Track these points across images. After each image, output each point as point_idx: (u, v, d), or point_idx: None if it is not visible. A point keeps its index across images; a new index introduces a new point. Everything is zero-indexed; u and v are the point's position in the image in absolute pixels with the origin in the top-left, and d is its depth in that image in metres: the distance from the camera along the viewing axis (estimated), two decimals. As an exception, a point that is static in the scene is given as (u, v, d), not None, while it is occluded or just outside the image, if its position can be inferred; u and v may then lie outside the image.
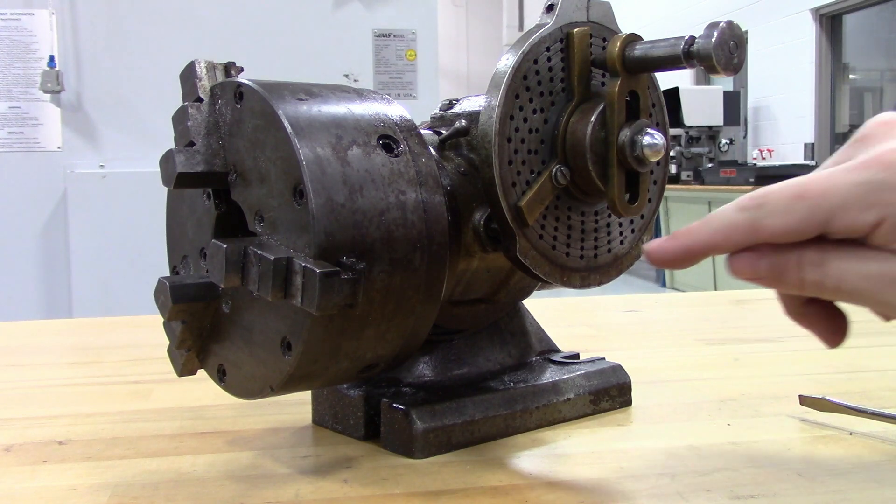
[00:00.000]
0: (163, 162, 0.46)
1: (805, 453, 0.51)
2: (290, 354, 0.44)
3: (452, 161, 0.55)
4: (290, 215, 0.43)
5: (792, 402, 0.59)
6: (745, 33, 0.50)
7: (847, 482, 0.47)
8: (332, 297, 0.41)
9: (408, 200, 0.46)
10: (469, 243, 0.53)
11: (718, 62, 0.47)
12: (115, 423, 0.60)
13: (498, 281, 0.57)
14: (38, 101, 2.95)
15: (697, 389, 0.66)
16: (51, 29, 2.93)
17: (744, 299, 1.12)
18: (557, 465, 0.50)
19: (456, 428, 0.52)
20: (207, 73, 0.49)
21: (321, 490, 0.47)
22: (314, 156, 0.43)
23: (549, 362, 0.62)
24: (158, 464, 0.51)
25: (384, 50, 3.20)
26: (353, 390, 0.55)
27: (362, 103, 0.48)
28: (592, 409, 0.60)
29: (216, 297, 0.48)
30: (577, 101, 0.54)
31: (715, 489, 0.46)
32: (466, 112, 0.56)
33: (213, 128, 0.48)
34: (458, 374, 0.57)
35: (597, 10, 0.55)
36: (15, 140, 2.96)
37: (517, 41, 0.53)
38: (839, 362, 0.75)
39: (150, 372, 0.74)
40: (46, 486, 0.48)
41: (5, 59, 2.94)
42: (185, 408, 0.63)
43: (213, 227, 0.49)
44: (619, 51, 0.52)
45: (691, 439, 0.54)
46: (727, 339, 0.87)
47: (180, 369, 0.51)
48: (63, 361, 0.85)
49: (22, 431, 0.58)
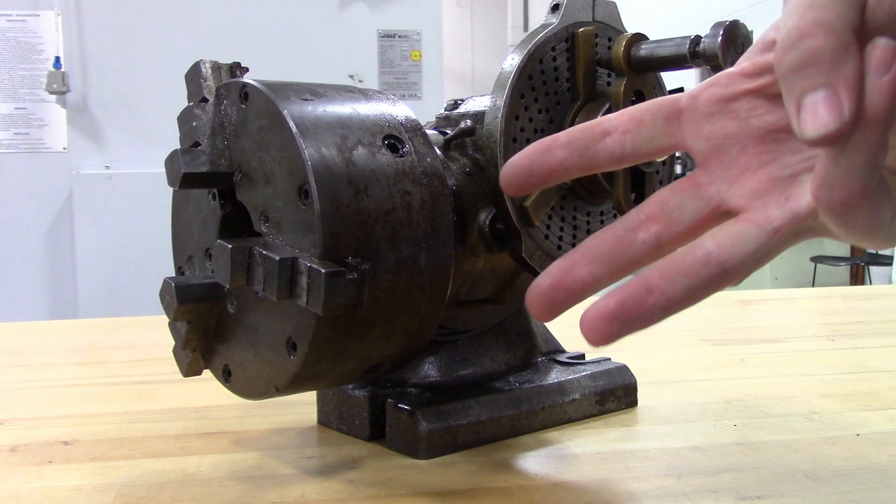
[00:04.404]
0: (168, 162, 0.46)
1: (812, 454, 0.51)
2: (295, 355, 0.44)
3: (458, 161, 0.55)
4: (296, 215, 0.43)
5: (798, 402, 0.59)
6: (752, 32, 0.50)
7: (854, 483, 0.46)
8: (337, 297, 0.41)
9: (413, 200, 0.46)
10: (474, 243, 0.53)
11: (725, 62, 0.47)
12: (120, 424, 0.60)
13: (503, 281, 0.57)
14: (43, 102, 2.95)
15: (703, 390, 0.66)
16: (56, 30, 2.93)
17: (749, 300, 1.12)
18: (563, 465, 0.50)
19: (461, 428, 0.52)
20: (213, 74, 0.49)
21: (326, 490, 0.47)
22: (319, 156, 0.43)
23: (554, 363, 0.62)
24: (164, 464, 0.51)
25: (389, 50, 3.20)
26: (359, 391, 0.55)
27: (367, 103, 0.48)
28: (598, 410, 0.60)
29: (221, 298, 0.48)
30: (583, 101, 0.54)
31: (721, 490, 0.45)
32: (471, 112, 0.56)
33: (219, 128, 0.48)
34: (463, 374, 0.57)
35: (602, 9, 0.55)
36: (21, 141, 2.97)
37: (522, 41, 0.53)
38: (845, 362, 0.75)
39: (156, 372, 0.74)
40: (52, 486, 0.48)
41: (11, 61, 2.95)
42: (191, 408, 0.63)
43: (218, 227, 0.49)
44: (624, 50, 0.52)
45: (697, 440, 0.54)
46: (733, 340, 0.87)
47: (185, 370, 0.51)
48: (68, 362, 0.85)
49: (27, 432, 0.58)
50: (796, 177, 0.34)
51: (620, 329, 0.34)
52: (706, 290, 0.34)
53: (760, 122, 0.35)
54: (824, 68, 0.28)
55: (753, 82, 0.35)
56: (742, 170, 0.35)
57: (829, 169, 0.29)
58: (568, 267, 0.36)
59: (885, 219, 0.30)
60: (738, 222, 0.34)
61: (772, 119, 0.34)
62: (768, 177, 0.34)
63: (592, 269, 0.36)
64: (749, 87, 0.35)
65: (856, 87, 0.28)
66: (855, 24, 0.29)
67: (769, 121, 0.34)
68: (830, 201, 0.30)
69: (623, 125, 0.37)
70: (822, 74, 0.28)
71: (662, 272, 0.34)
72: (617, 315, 0.34)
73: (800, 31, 0.29)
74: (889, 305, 1.10)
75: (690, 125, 0.36)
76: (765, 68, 0.34)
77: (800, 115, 0.29)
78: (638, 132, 0.37)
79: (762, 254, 0.33)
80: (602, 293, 0.37)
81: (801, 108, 0.29)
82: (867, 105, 0.28)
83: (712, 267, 0.33)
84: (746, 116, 0.35)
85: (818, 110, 0.28)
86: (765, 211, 0.34)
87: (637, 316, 0.34)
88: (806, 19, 0.29)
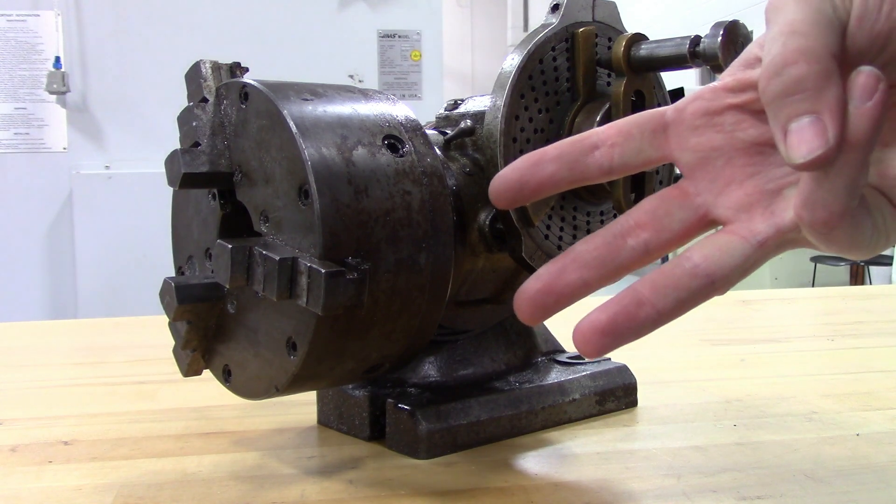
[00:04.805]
0: (168, 162, 0.46)
1: (812, 454, 0.51)
2: (295, 355, 0.44)
3: (458, 161, 0.55)
4: (296, 215, 0.43)
5: (798, 402, 0.59)
6: (751, 32, 0.50)
7: (854, 483, 0.46)
8: (337, 297, 0.41)
9: (413, 200, 0.46)
10: (474, 243, 0.53)
11: (725, 62, 0.47)
12: (120, 424, 0.60)
13: (503, 281, 0.57)
14: (43, 102, 2.96)
15: (703, 390, 0.66)
16: (56, 30, 2.94)
17: (749, 300, 1.12)
18: (563, 465, 0.50)
19: (461, 428, 0.52)
20: (213, 74, 0.49)
21: (326, 490, 0.47)
22: (319, 156, 0.43)
23: (554, 363, 0.62)
24: (164, 464, 0.51)
25: (389, 50, 3.20)
26: (359, 391, 0.55)
27: (367, 103, 0.48)
28: (598, 410, 0.60)
29: (221, 298, 0.48)
30: (583, 101, 0.54)
31: (721, 490, 0.45)
32: (471, 112, 0.56)
33: (219, 128, 0.48)
34: (463, 374, 0.57)
35: (602, 9, 0.55)
36: (21, 141, 2.97)
37: (522, 41, 0.53)
38: (845, 362, 0.75)
39: (156, 372, 0.74)
40: (52, 486, 0.48)
41: (11, 61, 2.95)
42: (191, 408, 0.63)
43: (218, 227, 0.49)
44: (624, 50, 0.52)
45: (697, 440, 0.54)
46: (733, 340, 0.87)
47: (185, 370, 0.51)
48: (68, 362, 0.85)
49: (27, 432, 0.58)
50: (780, 191, 0.35)
51: (612, 342, 0.35)
52: (694, 301, 0.35)
53: (745, 136, 0.35)
54: (809, 95, 0.29)
55: (737, 97, 0.35)
56: (728, 181, 0.36)
57: (812, 190, 0.30)
58: (558, 271, 0.37)
59: (866, 235, 0.31)
60: (725, 235, 0.35)
61: (756, 133, 0.35)
62: (753, 189, 0.35)
63: (582, 274, 0.37)
64: (733, 101, 0.35)
65: (839, 112, 0.29)
66: (836, 51, 0.30)
67: (753, 135, 0.35)
68: (813, 221, 0.31)
69: (611, 138, 0.38)
70: (807, 101, 0.29)
71: (652, 285, 0.35)
72: (609, 329, 0.35)
73: (783, 58, 0.30)
74: (889, 305, 1.10)
75: (677, 138, 0.37)
76: (748, 84, 0.35)
77: (786, 141, 0.29)
78: (626, 145, 0.38)
79: (748, 266, 0.35)
80: (603, 291, 0.37)
81: (787, 134, 0.30)
82: (850, 130, 0.29)
83: (700, 279, 0.35)
84: (731, 130, 0.36)
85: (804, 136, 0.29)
86: (750, 224, 0.35)
87: (628, 329, 0.35)
88: (789, 47, 0.30)
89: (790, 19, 0.30)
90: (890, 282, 3.73)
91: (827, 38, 0.30)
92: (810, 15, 0.30)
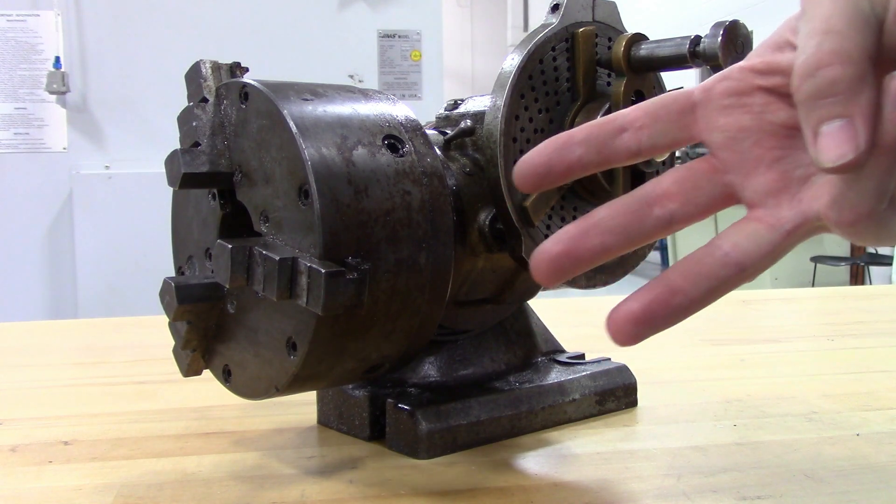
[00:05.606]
0: (168, 162, 0.46)
1: (812, 454, 0.51)
2: (295, 355, 0.44)
3: (457, 161, 0.55)
4: (296, 215, 0.43)
5: (798, 402, 0.59)
6: (751, 33, 0.50)
7: (854, 483, 0.46)
8: (337, 297, 0.41)
9: (413, 200, 0.46)
10: (474, 243, 0.53)
11: (725, 62, 0.47)
12: (120, 424, 0.60)
13: (503, 281, 0.57)
14: (43, 102, 2.96)
15: (703, 390, 0.66)
16: (56, 30, 2.93)
17: (750, 299, 1.12)
18: (563, 465, 0.50)
19: (461, 428, 0.52)
20: (213, 74, 0.49)
21: (326, 490, 0.47)
22: (319, 156, 0.43)
23: (554, 363, 0.62)
24: (164, 464, 0.51)
25: (389, 50, 3.20)
26: (359, 391, 0.55)
27: (367, 103, 0.48)
28: (598, 410, 0.60)
29: (221, 298, 0.48)
30: (583, 101, 0.54)
31: (721, 490, 0.45)
32: (471, 112, 0.56)
33: (219, 128, 0.48)
34: (463, 374, 0.57)
35: (602, 9, 0.55)
36: (20, 141, 2.97)
37: (522, 41, 0.53)
38: (845, 362, 0.75)
39: (156, 372, 0.74)
40: (52, 486, 0.48)
41: (11, 61, 2.95)
42: (191, 408, 0.63)
43: (218, 227, 0.49)
44: (624, 50, 0.52)
45: (697, 440, 0.54)
46: (733, 340, 0.87)
47: (185, 370, 0.51)
48: (68, 362, 0.85)
49: (27, 432, 0.58)
50: (808, 178, 0.35)
51: (646, 330, 0.36)
52: (725, 288, 0.35)
53: (774, 118, 0.35)
54: (841, 99, 0.29)
55: (766, 80, 0.35)
56: (756, 163, 0.36)
57: (841, 191, 0.31)
58: (580, 235, 0.37)
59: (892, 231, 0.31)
60: (752, 223, 0.35)
61: (785, 116, 0.35)
62: (781, 175, 0.35)
63: (604, 240, 0.37)
64: (762, 83, 0.35)
65: (871, 117, 0.29)
66: (871, 51, 0.30)
67: (783, 117, 0.35)
68: (840, 220, 0.31)
69: (639, 120, 0.38)
70: (840, 105, 0.29)
71: (684, 274, 0.35)
72: (643, 317, 0.35)
73: (818, 60, 0.29)
74: (889, 305, 1.10)
75: (705, 118, 0.37)
76: (777, 69, 0.34)
77: (817, 144, 0.29)
78: (654, 127, 0.37)
79: (776, 254, 0.35)
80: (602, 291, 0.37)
81: (818, 136, 0.29)
82: (882, 134, 0.29)
83: (731, 268, 0.35)
84: (760, 111, 0.35)
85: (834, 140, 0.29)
86: (777, 211, 0.35)
87: (662, 317, 0.35)
88: (823, 48, 0.29)
89: (826, 14, 0.30)
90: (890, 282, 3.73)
91: (863, 38, 0.30)
92: (847, 11, 0.30)
